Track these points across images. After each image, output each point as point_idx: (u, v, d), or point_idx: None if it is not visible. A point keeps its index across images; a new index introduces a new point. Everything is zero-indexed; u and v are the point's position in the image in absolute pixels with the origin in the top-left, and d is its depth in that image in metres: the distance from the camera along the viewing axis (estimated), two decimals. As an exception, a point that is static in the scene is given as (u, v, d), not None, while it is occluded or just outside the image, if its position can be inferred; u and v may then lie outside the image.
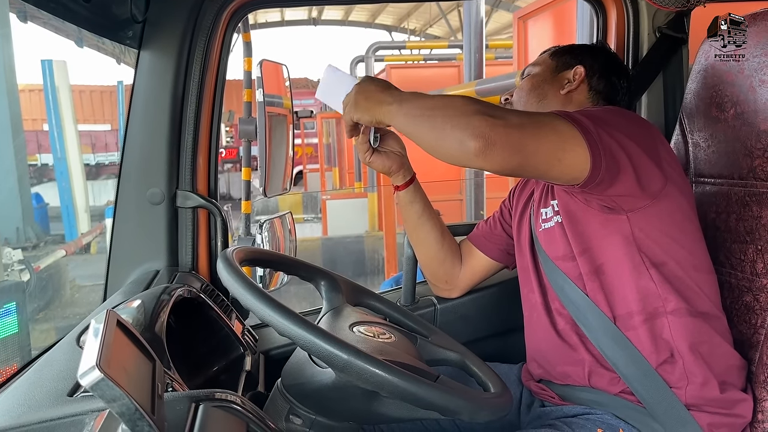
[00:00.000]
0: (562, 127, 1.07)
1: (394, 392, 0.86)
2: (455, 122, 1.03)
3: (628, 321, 1.20)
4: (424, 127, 1.08)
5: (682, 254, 1.19)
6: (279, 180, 1.67)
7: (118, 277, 1.51)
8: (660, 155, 1.16)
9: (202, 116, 1.52)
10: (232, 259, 0.99)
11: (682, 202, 1.20)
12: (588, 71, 1.40)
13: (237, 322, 1.41)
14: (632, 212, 1.16)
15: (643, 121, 1.27)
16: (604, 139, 1.08)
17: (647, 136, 1.18)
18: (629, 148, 1.11)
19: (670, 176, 1.17)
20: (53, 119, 9.07)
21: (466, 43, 6.21)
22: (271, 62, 1.63)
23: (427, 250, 1.54)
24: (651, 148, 1.15)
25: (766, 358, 1.20)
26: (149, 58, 1.47)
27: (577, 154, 1.07)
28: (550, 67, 1.45)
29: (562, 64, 1.44)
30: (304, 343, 0.86)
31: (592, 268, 1.22)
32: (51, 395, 0.84)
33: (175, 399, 0.75)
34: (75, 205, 9.29)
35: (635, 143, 1.12)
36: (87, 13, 1.30)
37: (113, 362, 0.61)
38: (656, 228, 1.17)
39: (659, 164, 1.15)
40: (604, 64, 1.42)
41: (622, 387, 1.22)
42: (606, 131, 1.09)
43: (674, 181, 1.18)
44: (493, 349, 1.63)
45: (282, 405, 1.03)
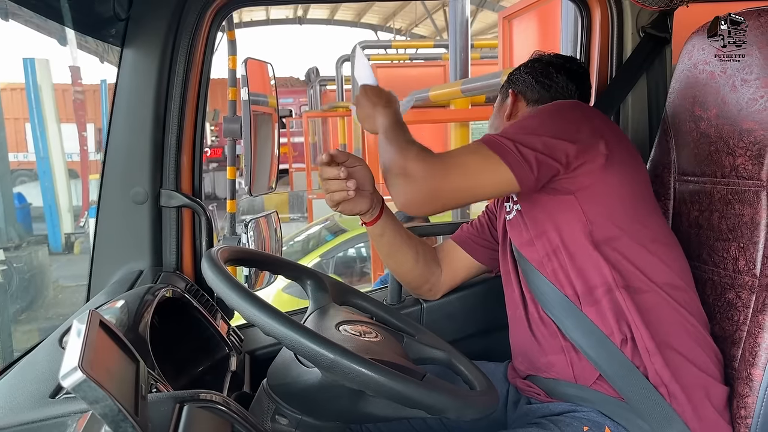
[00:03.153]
0: (483, 152, 1.18)
1: (380, 391, 0.86)
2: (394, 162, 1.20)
3: (589, 296, 1.22)
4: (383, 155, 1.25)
5: (635, 228, 1.22)
6: (264, 179, 1.66)
7: (102, 277, 1.49)
8: (593, 138, 1.21)
9: (186, 115, 1.51)
10: (216, 258, 0.98)
11: (631, 179, 1.24)
12: (519, 90, 1.49)
13: (222, 322, 1.40)
14: (578, 191, 1.20)
15: (575, 106, 1.31)
16: (524, 152, 1.16)
17: (574, 121, 1.23)
18: (555, 147, 1.18)
19: (610, 155, 1.20)
20: (35, 118, 8.98)
21: (452, 43, 6.21)
22: (256, 61, 1.62)
23: (405, 272, 1.55)
24: (577, 132, 1.21)
25: (748, 355, 1.21)
26: (132, 56, 1.46)
27: (500, 173, 1.16)
28: (498, 103, 1.56)
29: (503, 97, 1.54)
30: (289, 342, 0.86)
31: (551, 249, 1.26)
32: (33, 397, 0.83)
33: (159, 400, 0.75)
34: (58, 205, 9.20)
35: (562, 138, 1.19)
36: (70, 10, 1.29)
37: (96, 363, 0.60)
38: (604, 204, 1.21)
39: (592, 146, 1.20)
40: (536, 74, 1.48)
41: (599, 373, 1.23)
42: (526, 143, 1.17)
43: (617, 159, 1.21)
44: (480, 348, 1.63)
45: (268, 405, 1.03)
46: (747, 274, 1.25)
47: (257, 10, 19.44)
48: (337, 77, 12.10)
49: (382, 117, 1.34)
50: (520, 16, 5.19)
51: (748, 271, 1.25)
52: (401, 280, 1.60)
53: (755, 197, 1.24)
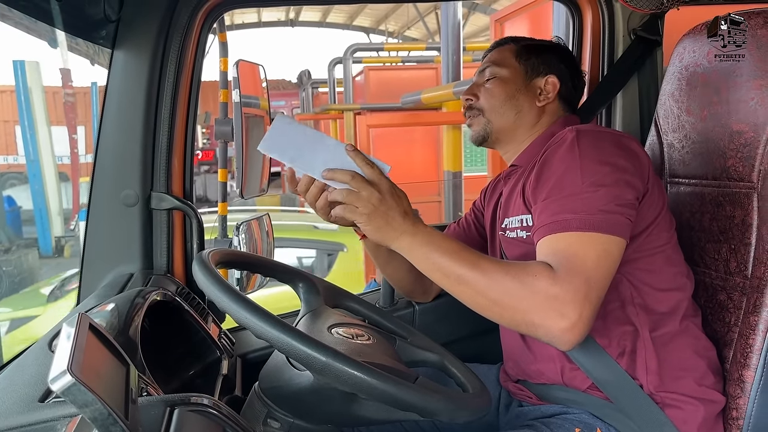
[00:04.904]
0: (604, 243, 1.04)
1: (373, 394, 0.85)
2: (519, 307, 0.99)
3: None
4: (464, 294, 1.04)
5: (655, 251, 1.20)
6: (256, 181, 1.65)
7: (92, 280, 1.48)
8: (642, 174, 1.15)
9: (177, 117, 1.50)
10: (208, 261, 0.98)
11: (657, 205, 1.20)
12: (560, 79, 1.39)
13: (213, 326, 1.40)
14: None
15: (626, 146, 1.17)
16: (612, 218, 1.06)
17: (633, 163, 1.14)
18: (628, 195, 1.10)
19: (650, 186, 1.17)
20: (26, 120, 8.93)
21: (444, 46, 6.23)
22: (247, 63, 1.61)
23: (399, 279, 1.53)
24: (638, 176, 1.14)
25: (739, 356, 1.21)
26: (123, 58, 1.45)
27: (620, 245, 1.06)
28: (520, 73, 1.40)
29: (531, 70, 1.40)
30: (281, 345, 0.85)
31: None
32: (22, 401, 0.82)
33: (149, 403, 0.74)
34: (48, 208, 9.15)
35: (631, 188, 1.11)
36: (60, 12, 1.28)
37: (85, 367, 0.60)
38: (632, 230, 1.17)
39: (643, 181, 1.15)
40: (568, 69, 1.42)
41: (591, 381, 1.22)
42: (609, 210, 1.06)
43: (652, 190, 1.18)
44: (472, 350, 1.63)
45: (260, 409, 1.02)
46: (738, 275, 1.25)
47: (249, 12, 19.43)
48: (329, 80, 12.07)
49: (407, 234, 1.06)
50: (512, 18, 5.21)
51: (740, 272, 1.25)
52: (395, 286, 1.60)
53: (746, 199, 1.25)
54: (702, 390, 1.20)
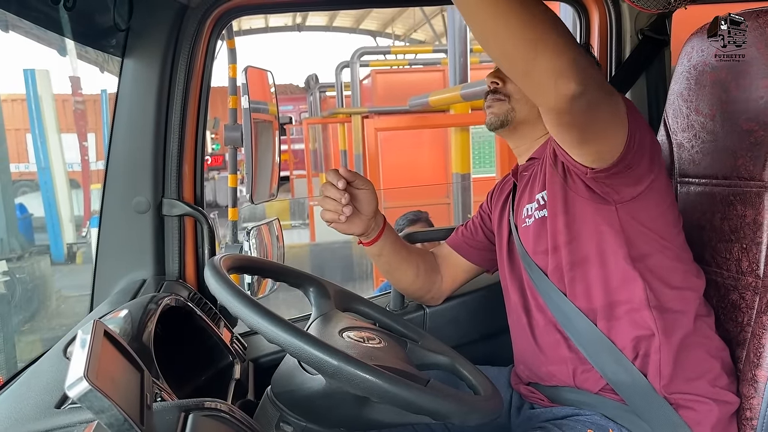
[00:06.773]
0: (622, 105, 1.09)
1: (384, 397, 0.86)
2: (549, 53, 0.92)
3: (608, 311, 1.20)
4: (504, 32, 0.92)
5: (666, 246, 1.21)
6: (266, 186, 1.66)
7: (105, 286, 1.49)
8: (654, 149, 1.19)
9: (187, 123, 1.51)
10: (219, 266, 0.99)
11: (666, 197, 1.22)
12: None
13: (225, 330, 1.40)
14: (621, 204, 1.17)
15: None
16: (633, 129, 1.09)
17: (648, 130, 1.20)
18: (646, 139, 1.14)
19: (659, 171, 1.19)
20: (36, 129, 8.99)
21: (451, 48, 6.23)
22: (256, 69, 1.62)
23: (405, 286, 1.54)
24: (652, 142, 1.19)
25: (753, 356, 1.21)
26: (133, 66, 1.46)
27: (618, 135, 1.08)
28: None
29: None
30: (293, 349, 0.86)
31: (575, 259, 1.22)
32: (38, 407, 0.83)
33: (164, 409, 0.75)
34: (60, 215, 9.20)
35: (649, 135, 1.16)
36: (69, 22, 1.29)
37: (101, 373, 0.60)
38: (642, 220, 1.19)
39: (652, 158, 1.17)
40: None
41: (605, 383, 1.22)
42: (636, 120, 1.12)
43: (660, 176, 1.20)
44: (483, 353, 1.63)
45: (272, 413, 1.03)
46: (750, 275, 1.25)
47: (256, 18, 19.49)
48: (336, 84, 12.11)
49: None
50: (519, 20, 5.19)
51: (752, 272, 1.25)
52: (402, 291, 1.60)
53: (757, 198, 1.24)
54: (716, 391, 1.20)
